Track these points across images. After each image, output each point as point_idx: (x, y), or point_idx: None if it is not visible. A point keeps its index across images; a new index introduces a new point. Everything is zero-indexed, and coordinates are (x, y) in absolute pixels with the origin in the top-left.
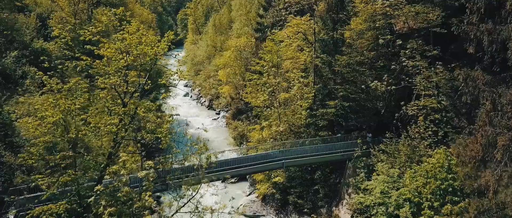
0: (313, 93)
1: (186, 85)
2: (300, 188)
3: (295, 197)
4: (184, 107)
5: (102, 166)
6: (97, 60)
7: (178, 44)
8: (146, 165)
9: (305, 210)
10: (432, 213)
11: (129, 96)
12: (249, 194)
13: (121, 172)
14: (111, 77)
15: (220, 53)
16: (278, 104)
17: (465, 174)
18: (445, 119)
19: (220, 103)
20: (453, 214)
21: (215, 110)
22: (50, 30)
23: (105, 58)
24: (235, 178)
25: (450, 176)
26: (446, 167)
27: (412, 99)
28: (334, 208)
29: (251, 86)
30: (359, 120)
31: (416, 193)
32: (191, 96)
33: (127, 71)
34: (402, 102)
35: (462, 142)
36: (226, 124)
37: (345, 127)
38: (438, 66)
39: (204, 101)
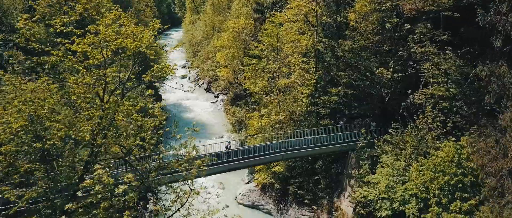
0: (314, 80)
1: (184, 67)
2: (300, 178)
3: (295, 187)
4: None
5: (75, 178)
6: (69, 56)
7: (176, 24)
8: (125, 178)
9: (306, 201)
10: (440, 209)
11: (109, 94)
12: (248, 182)
13: (96, 188)
14: (86, 75)
15: (218, 34)
16: (277, 91)
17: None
18: (454, 108)
19: (218, 86)
20: (462, 212)
21: (213, 93)
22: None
23: (79, 53)
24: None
25: (460, 171)
26: (456, 161)
27: (419, 87)
28: (335, 199)
29: (249, 71)
30: (362, 108)
31: (423, 188)
32: (189, 78)
33: (104, 71)
34: (409, 91)
35: (481, 144)
36: (224, 110)
37: (347, 115)
38: (447, 52)
39: (202, 83)
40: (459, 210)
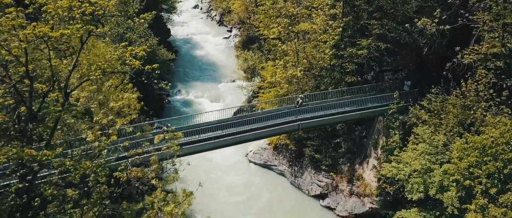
0: (340, 28)
1: None
2: (318, 141)
3: (312, 150)
4: (192, 23)
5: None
6: None
7: None
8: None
9: (323, 167)
10: (486, 201)
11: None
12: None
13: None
14: None
15: None
16: (295, 37)
17: None
18: None
19: (231, 20)
20: None
21: (226, 26)
22: None
23: None
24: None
25: None
26: None
27: (470, 43)
28: (357, 166)
29: (263, 13)
30: (396, 63)
31: (467, 174)
32: (201, 9)
33: None
34: (457, 48)
35: None
36: (236, 55)
37: (377, 72)
38: None
39: (215, 15)
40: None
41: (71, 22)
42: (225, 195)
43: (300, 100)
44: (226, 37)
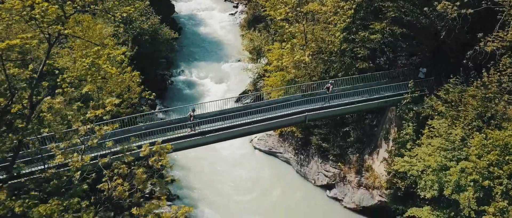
0: (352, 10)
1: None
2: (326, 129)
3: (320, 139)
4: None
5: None
6: None
7: None
8: None
9: (331, 156)
10: (506, 203)
11: None
12: None
13: None
14: None
15: None
16: (303, 18)
17: None
18: None
19: None
20: None
21: (232, 2)
22: None
23: None
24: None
25: None
26: None
27: (494, 29)
28: (366, 156)
29: None
30: (411, 48)
31: (486, 173)
32: None
33: None
34: (480, 34)
35: None
36: (241, 35)
37: (391, 58)
38: None
39: None
40: None
41: (32, 22)
42: (229, 182)
43: (330, 86)
44: (232, 14)
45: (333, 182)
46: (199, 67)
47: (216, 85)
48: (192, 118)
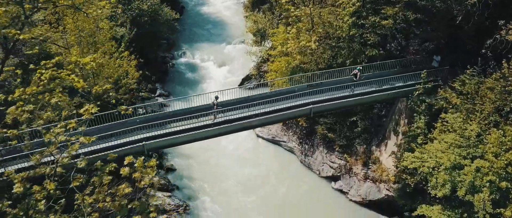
0: None
1: None
2: (332, 119)
3: (325, 129)
4: None
5: None
6: None
7: None
8: None
9: (336, 147)
10: None
11: None
12: None
13: None
14: None
15: None
16: (310, 0)
17: None
18: None
19: None
20: None
21: None
22: None
23: None
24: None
25: None
26: None
27: None
28: (374, 148)
29: None
30: (425, 35)
31: (504, 174)
32: None
33: None
34: (501, 22)
35: None
36: (245, 16)
37: (403, 45)
38: None
39: None
40: None
41: None
42: (230, 172)
43: (358, 73)
44: None
45: (338, 174)
46: (201, 49)
47: (219, 68)
48: (215, 106)
